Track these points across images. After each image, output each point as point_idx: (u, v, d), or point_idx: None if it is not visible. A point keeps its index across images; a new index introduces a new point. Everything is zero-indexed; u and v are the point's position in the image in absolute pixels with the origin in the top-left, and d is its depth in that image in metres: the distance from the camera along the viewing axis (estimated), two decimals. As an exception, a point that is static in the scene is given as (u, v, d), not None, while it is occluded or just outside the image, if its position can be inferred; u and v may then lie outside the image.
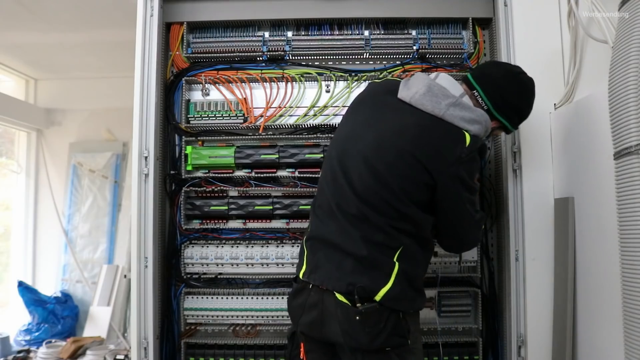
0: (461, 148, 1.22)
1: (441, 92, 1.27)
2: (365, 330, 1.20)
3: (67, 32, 3.17)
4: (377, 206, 1.24)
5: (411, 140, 1.23)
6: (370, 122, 1.30)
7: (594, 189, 1.41)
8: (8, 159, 4.04)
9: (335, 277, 1.23)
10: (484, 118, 1.30)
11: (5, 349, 3.20)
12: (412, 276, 1.27)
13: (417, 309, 1.32)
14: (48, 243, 3.88)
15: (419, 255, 1.30)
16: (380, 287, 1.21)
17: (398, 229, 1.25)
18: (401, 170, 1.23)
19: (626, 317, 1.07)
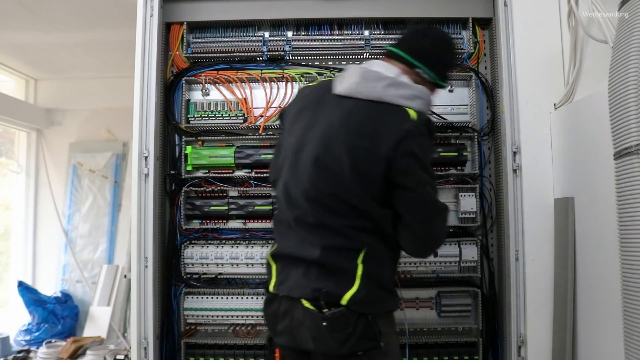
0: (409, 123, 1.19)
1: (375, 76, 1.24)
2: (333, 336, 1.17)
3: (67, 32, 3.16)
4: (334, 208, 1.21)
5: (356, 130, 1.20)
6: (312, 125, 1.26)
7: (594, 189, 1.41)
8: (8, 159, 4.04)
9: (302, 285, 1.21)
10: (424, 93, 1.28)
11: (5, 349, 3.20)
12: (380, 277, 1.24)
13: (388, 310, 1.29)
14: (48, 243, 3.87)
15: (385, 255, 1.27)
16: (345, 290, 1.18)
17: (358, 229, 1.22)
18: (353, 163, 1.18)
19: (626, 317, 1.07)
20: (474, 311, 1.85)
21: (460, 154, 1.83)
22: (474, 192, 1.85)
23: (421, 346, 1.81)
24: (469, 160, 1.87)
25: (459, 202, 1.85)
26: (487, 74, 1.92)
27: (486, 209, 1.88)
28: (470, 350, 1.80)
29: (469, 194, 1.85)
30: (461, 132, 1.86)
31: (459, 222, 1.86)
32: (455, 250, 1.83)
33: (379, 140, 1.18)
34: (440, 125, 1.87)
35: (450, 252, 1.83)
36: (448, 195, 1.89)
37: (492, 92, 1.89)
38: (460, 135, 1.87)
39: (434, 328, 1.85)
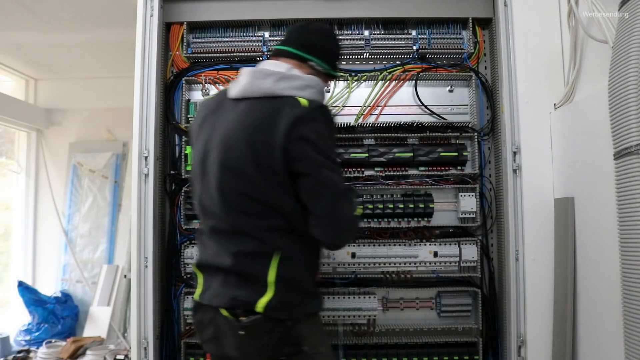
0: (299, 109, 1.19)
1: (264, 73, 1.26)
2: (251, 344, 1.17)
3: (67, 32, 3.16)
4: (245, 210, 1.21)
5: (252, 126, 1.20)
6: (213, 133, 1.27)
7: (594, 189, 1.41)
8: (8, 159, 4.04)
9: (220, 293, 1.21)
10: (315, 82, 1.29)
11: (5, 349, 3.20)
12: (296, 280, 1.23)
13: (308, 313, 1.26)
14: (48, 243, 3.87)
15: (302, 256, 1.25)
16: (260, 297, 1.17)
17: (271, 230, 1.21)
18: (254, 158, 1.18)
19: (626, 317, 1.07)
20: (474, 311, 1.85)
21: (460, 154, 1.83)
22: (474, 192, 1.85)
23: (421, 346, 1.81)
24: (469, 160, 1.88)
25: (459, 202, 1.85)
26: (487, 74, 1.92)
27: (486, 209, 1.88)
28: (470, 350, 1.80)
29: (469, 194, 1.85)
30: (461, 132, 1.86)
31: (459, 222, 1.87)
32: (455, 250, 1.83)
33: (273, 132, 1.17)
34: (440, 125, 1.87)
35: (450, 252, 1.83)
36: (448, 195, 1.89)
37: (492, 92, 1.89)
38: (460, 135, 1.87)
39: (434, 328, 1.85)
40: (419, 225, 1.83)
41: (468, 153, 1.86)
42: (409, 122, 1.85)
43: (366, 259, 1.83)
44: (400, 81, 1.90)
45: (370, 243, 1.84)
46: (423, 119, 1.87)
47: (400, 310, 1.87)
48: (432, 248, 1.84)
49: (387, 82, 1.90)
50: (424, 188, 1.87)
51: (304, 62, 1.34)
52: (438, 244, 1.84)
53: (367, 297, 1.81)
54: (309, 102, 1.21)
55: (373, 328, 1.84)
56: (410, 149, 1.83)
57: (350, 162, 1.82)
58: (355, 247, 1.84)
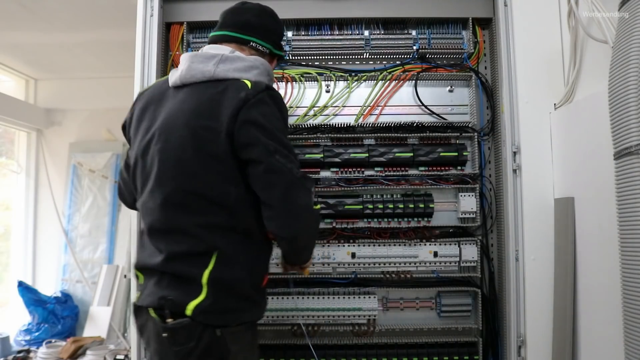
0: (245, 92, 1.12)
1: (204, 57, 1.20)
2: (173, 350, 1.07)
3: (67, 32, 3.17)
4: (185, 204, 1.13)
5: (194, 112, 1.13)
6: (153, 124, 1.20)
7: (594, 189, 1.41)
8: (8, 159, 4.04)
9: (152, 293, 1.13)
10: (259, 62, 1.23)
11: (5, 349, 3.20)
12: (234, 283, 1.13)
13: (243, 321, 1.16)
14: (48, 243, 3.88)
15: (244, 257, 1.16)
16: (191, 299, 1.08)
17: (211, 227, 1.12)
18: (197, 146, 1.11)
19: (626, 317, 1.07)
20: (474, 311, 1.85)
21: (460, 154, 1.83)
22: (474, 192, 1.85)
23: (421, 346, 1.81)
24: (469, 160, 1.88)
25: (459, 202, 1.85)
26: (487, 74, 1.92)
27: (486, 209, 1.88)
28: (470, 350, 1.80)
29: (469, 194, 1.85)
30: (461, 132, 1.86)
31: (459, 222, 1.87)
32: (455, 250, 1.83)
33: (217, 117, 1.11)
34: (440, 125, 1.87)
35: (450, 252, 1.83)
36: (448, 195, 1.89)
37: (492, 92, 1.89)
38: (460, 135, 1.87)
39: (434, 328, 1.85)
40: (419, 225, 1.83)
41: (468, 153, 1.86)
42: (409, 122, 1.85)
43: (366, 259, 1.83)
44: (400, 81, 1.90)
45: (370, 243, 1.84)
46: (423, 119, 1.87)
47: (400, 310, 1.87)
48: (432, 248, 1.84)
49: (387, 82, 1.90)
50: (424, 188, 1.87)
51: (245, 44, 1.29)
52: (438, 244, 1.84)
53: (367, 297, 1.81)
54: (253, 84, 1.14)
55: (373, 328, 1.84)
56: (410, 149, 1.83)
57: (350, 162, 1.82)
58: (355, 247, 1.84)
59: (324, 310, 1.79)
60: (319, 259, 1.83)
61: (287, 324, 1.84)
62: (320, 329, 1.86)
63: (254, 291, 1.19)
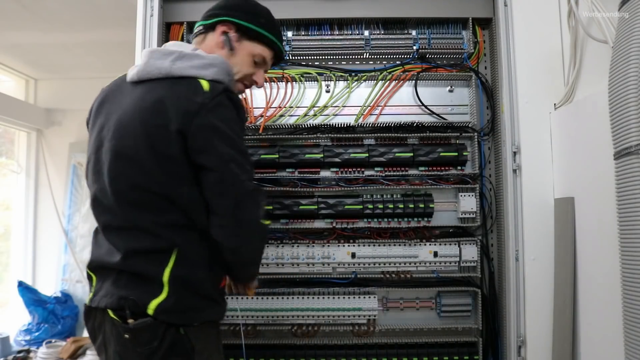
0: (202, 95, 1.08)
1: (162, 53, 1.16)
2: (136, 351, 1.05)
3: (67, 32, 3.16)
4: (140, 203, 1.10)
5: (149, 110, 1.09)
6: (108, 120, 1.17)
7: (594, 189, 1.41)
8: (8, 159, 4.03)
9: (110, 293, 1.10)
10: (218, 61, 1.18)
11: (5, 349, 3.20)
12: (195, 282, 1.11)
13: (205, 320, 1.14)
14: (48, 243, 3.87)
15: (203, 256, 1.14)
16: (152, 298, 1.06)
17: (168, 226, 1.10)
18: (150, 145, 1.08)
19: (626, 317, 1.07)
20: (474, 311, 1.85)
21: (460, 154, 1.83)
22: (474, 192, 1.85)
23: (421, 346, 1.81)
24: (469, 160, 1.88)
25: (458, 202, 1.85)
26: (487, 74, 1.92)
27: (486, 209, 1.88)
28: (470, 350, 1.80)
29: (469, 194, 1.85)
30: (461, 132, 1.86)
31: (459, 222, 1.87)
32: (455, 250, 1.83)
33: (172, 116, 1.07)
34: (440, 125, 1.87)
35: (450, 252, 1.83)
36: (448, 195, 1.89)
37: (492, 92, 1.89)
38: (460, 135, 1.87)
39: (434, 328, 1.85)
40: (419, 225, 1.83)
41: (468, 153, 1.86)
42: (409, 122, 1.85)
43: (366, 259, 1.83)
44: (400, 81, 1.90)
45: (370, 243, 1.84)
46: (423, 119, 1.88)
47: (400, 310, 1.87)
48: (432, 248, 1.84)
49: (387, 82, 1.90)
50: (424, 188, 1.87)
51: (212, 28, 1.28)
52: (438, 244, 1.84)
53: (367, 297, 1.81)
54: (211, 84, 1.10)
55: (373, 328, 1.84)
56: (410, 149, 1.83)
57: (350, 162, 1.82)
58: (355, 247, 1.84)
59: (324, 310, 1.79)
60: (319, 259, 1.83)
61: (287, 324, 1.85)
62: (320, 329, 1.86)
63: (213, 290, 1.17)
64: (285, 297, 1.81)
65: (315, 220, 1.84)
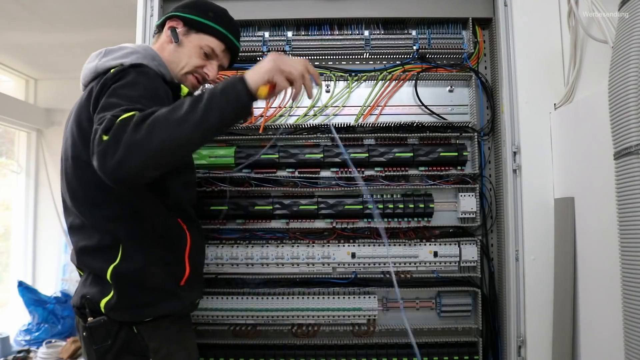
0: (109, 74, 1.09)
1: (93, 56, 1.21)
2: (92, 349, 1.07)
3: (67, 32, 3.17)
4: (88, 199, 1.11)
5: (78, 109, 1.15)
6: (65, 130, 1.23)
7: (594, 189, 1.41)
8: (8, 159, 4.04)
9: (77, 292, 1.14)
10: (141, 47, 1.20)
11: (5, 349, 3.20)
12: (139, 276, 1.09)
13: (158, 314, 1.11)
14: (48, 243, 3.88)
15: (150, 247, 1.11)
16: (104, 296, 1.07)
17: (114, 219, 1.09)
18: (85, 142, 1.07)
19: (626, 317, 1.07)
20: (474, 311, 1.85)
21: (460, 154, 1.83)
22: (474, 192, 1.85)
23: (421, 346, 1.81)
24: (469, 160, 1.88)
25: (458, 202, 1.85)
26: (487, 74, 1.92)
27: (486, 209, 1.88)
28: (470, 350, 1.80)
29: (469, 194, 1.85)
30: (461, 132, 1.86)
31: (459, 222, 1.87)
32: (455, 250, 1.83)
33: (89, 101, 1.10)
34: (440, 125, 1.87)
35: (450, 252, 1.83)
36: (448, 195, 1.89)
37: (492, 92, 1.89)
38: (460, 135, 1.87)
39: (434, 328, 1.85)
40: (419, 225, 1.83)
41: (468, 153, 1.86)
42: (409, 122, 1.85)
43: (366, 259, 1.83)
44: (400, 81, 1.90)
45: (370, 243, 1.84)
46: (423, 119, 1.88)
47: (402, 308, 1.87)
48: (432, 248, 1.84)
49: (387, 82, 1.90)
50: (424, 188, 1.87)
51: (161, 27, 1.32)
52: (438, 244, 1.84)
53: (367, 297, 1.81)
54: (119, 66, 1.10)
55: (373, 328, 1.84)
56: (410, 149, 1.83)
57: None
58: (355, 247, 1.84)
59: (324, 310, 1.79)
60: (319, 259, 1.83)
61: (287, 324, 1.85)
62: (320, 329, 1.86)
63: (167, 283, 1.14)
64: (285, 297, 1.81)
65: (315, 220, 1.84)
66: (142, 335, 1.09)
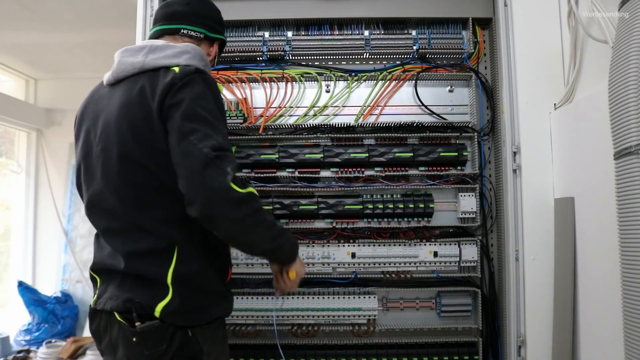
0: (172, 75, 1.09)
1: (134, 50, 1.19)
2: (144, 354, 1.04)
3: (67, 32, 3.16)
4: (138, 201, 1.10)
5: (129, 105, 1.11)
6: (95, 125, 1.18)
7: (594, 189, 1.41)
8: (8, 159, 4.03)
9: (116, 296, 1.09)
10: (191, 47, 1.21)
11: (5, 349, 3.20)
12: (198, 278, 1.11)
13: (213, 317, 1.14)
14: (48, 243, 3.87)
15: (203, 249, 1.13)
16: (159, 300, 1.05)
17: (168, 222, 1.10)
18: (137, 139, 1.08)
19: (626, 317, 1.07)
20: (474, 311, 1.85)
21: (460, 154, 1.83)
22: (474, 192, 1.85)
23: (421, 346, 1.81)
24: (469, 160, 1.88)
25: (458, 202, 1.85)
26: (487, 74, 1.92)
27: (486, 209, 1.88)
28: (470, 350, 1.80)
29: (469, 194, 1.85)
30: (461, 132, 1.86)
31: (459, 222, 1.87)
32: (455, 250, 1.83)
33: (149, 106, 1.08)
34: (440, 125, 1.87)
35: (450, 252, 1.83)
36: (448, 195, 1.89)
37: (492, 92, 1.89)
38: (460, 135, 1.87)
39: (434, 328, 1.85)
40: (419, 225, 1.83)
41: (468, 153, 1.86)
42: (409, 122, 1.85)
43: (366, 259, 1.83)
44: (400, 81, 1.90)
45: (370, 243, 1.84)
46: (423, 119, 1.88)
47: (400, 310, 1.87)
48: (432, 248, 1.84)
49: (387, 82, 1.90)
50: (424, 188, 1.87)
51: (176, 33, 1.29)
52: (438, 244, 1.84)
53: (367, 297, 1.81)
54: (182, 68, 1.12)
55: (373, 328, 1.84)
56: (410, 149, 1.83)
57: (350, 162, 1.82)
58: (355, 247, 1.84)
59: (324, 310, 1.79)
60: (319, 259, 1.83)
61: (287, 324, 1.85)
62: (320, 329, 1.86)
63: (219, 285, 1.17)
64: (285, 297, 1.81)
65: (315, 220, 1.84)
66: (197, 339, 1.09)
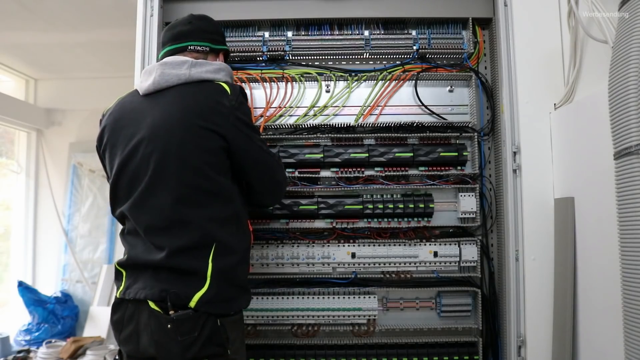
0: (228, 97, 1.25)
1: (174, 63, 1.31)
2: (177, 340, 1.13)
3: (67, 32, 3.17)
4: (191, 199, 1.20)
5: (186, 111, 1.23)
6: (138, 131, 1.25)
7: (594, 189, 1.41)
8: (8, 159, 4.04)
9: (150, 285, 1.18)
10: (223, 65, 1.36)
11: (5, 349, 3.20)
12: (232, 272, 1.23)
13: (237, 309, 1.25)
14: (48, 243, 3.88)
15: (237, 247, 1.26)
16: (195, 291, 1.16)
17: (214, 220, 1.21)
18: (195, 143, 1.21)
19: (626, 317, 1.07)
20: (474, 311, 1.85)
21: (460, 154, 1.83)
22: (474, 192, 1.85)
23: (421, 346, 1.81)
24: (469, 160, 1.88)
25: (458, 202, 1.85)
26: (487, 74, 1.92)
27: (486, 209, 1.88)
28: (470, 350, 1.80)
29: (469, 194, 1.85)
30: (461, 132, 1.86)
31: (459, 222, 1.87)
32: (455, 250, 1.83)
33: (209, 115, 1.22)
34: (440, 125, 1.87)
35: (450, 252, 1.83)
36: (448, 195, 1.89)
37: (492, 92, 1.89)
38: (460, 135, 1.87)
39: (434, 328, 1.85)
40: (419, 225, 1.83)
41: (468, 153, 1.86)
42: (409, 122, 1.85)
43: (366, 259, 1.83)
44: (400, 81, 1.90)
45: (370, 243, 1.84)
46: (423, 119, 1.88)
47: (400, 310, 1.87)
48: (432, 248, 1.84)
49: (387, 82, 1.90)
50: (424, 188, 1.87)
51: (185, 50, 1.40)
52: (438, 244, 1.84)
53: (367, 297, 1.81)
54: (230, 87, 1.28)
55: (373, 328, 1.84)
56: (410, 149, 1.83)
57: (350, 162, 1.82)
58: (355, 247, 1.84)
59: (324, 310, 1.79)
60: (319, 259, 1.83)
61: (287, 324, 1.85)
62: (320, 329, 1.86)
63: (244, 278, 1.30)
64: (285, 297, 1.81)
65: (315, 220, 1.84)
66: (224, 327, 1.19)
